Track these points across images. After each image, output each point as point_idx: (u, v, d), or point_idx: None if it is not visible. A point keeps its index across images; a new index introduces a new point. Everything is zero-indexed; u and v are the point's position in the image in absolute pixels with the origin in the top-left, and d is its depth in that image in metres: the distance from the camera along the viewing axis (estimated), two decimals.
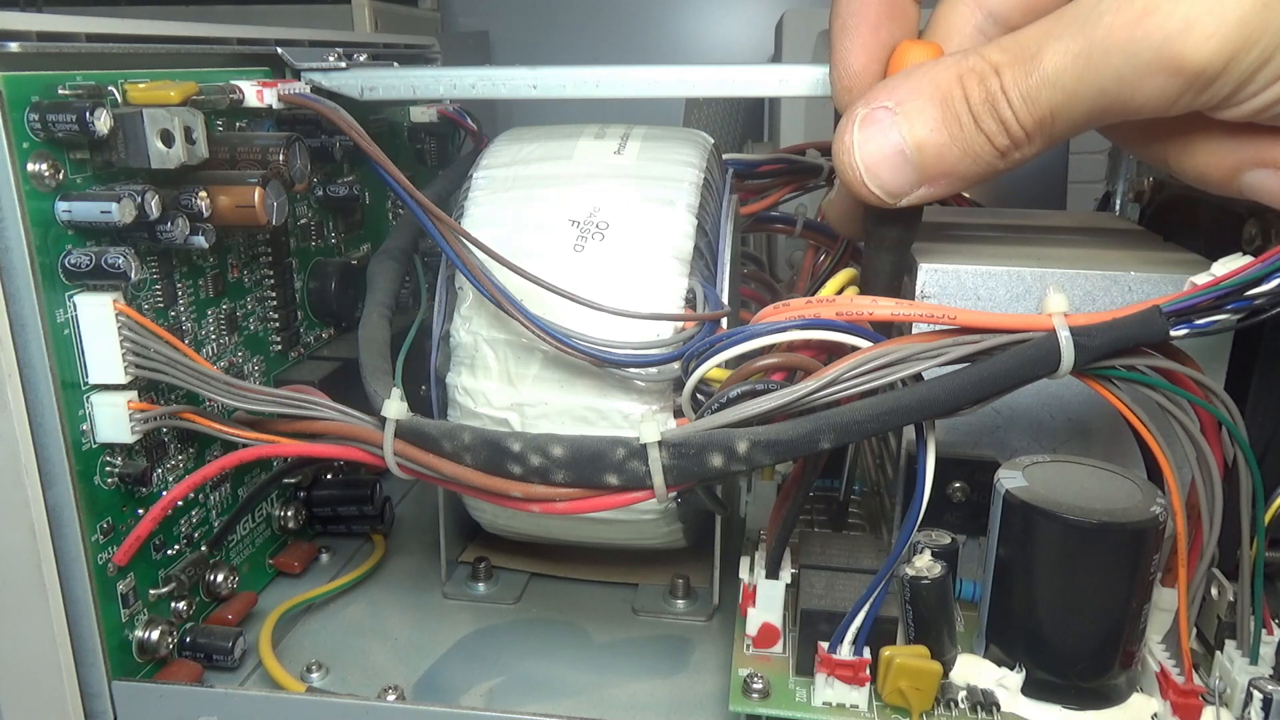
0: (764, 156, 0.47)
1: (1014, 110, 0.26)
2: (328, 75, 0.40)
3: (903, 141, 0.28)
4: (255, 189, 0.33)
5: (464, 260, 0.33)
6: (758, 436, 0.28)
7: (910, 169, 0.28)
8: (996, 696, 0.31)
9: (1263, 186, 0.28)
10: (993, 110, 0.27)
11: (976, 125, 0.27)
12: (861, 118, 0.28)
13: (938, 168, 0.28)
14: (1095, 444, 0.35)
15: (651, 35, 1.41)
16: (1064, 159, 0.83)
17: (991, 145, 0.27)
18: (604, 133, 0.39)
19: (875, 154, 0.28)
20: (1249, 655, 0.30)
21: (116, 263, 0.30)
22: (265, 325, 0.42)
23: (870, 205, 0.30)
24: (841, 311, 0.29)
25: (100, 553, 0.32)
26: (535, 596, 0.41)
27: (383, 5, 1.08)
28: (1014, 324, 0.27)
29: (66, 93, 0.29)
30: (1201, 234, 0.40)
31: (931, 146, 0.28)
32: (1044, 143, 0.27)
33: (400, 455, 0.32)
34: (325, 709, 0.32)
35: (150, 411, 0.32)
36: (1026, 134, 0.27)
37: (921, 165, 0.28)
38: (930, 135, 0.27)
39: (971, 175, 0.28)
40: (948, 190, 0.29)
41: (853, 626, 0.30)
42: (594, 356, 0.32)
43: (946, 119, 0.27)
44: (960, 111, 0.27)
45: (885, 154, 0.28)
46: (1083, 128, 0.27)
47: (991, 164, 0.28)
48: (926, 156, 0.28)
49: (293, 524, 0.43)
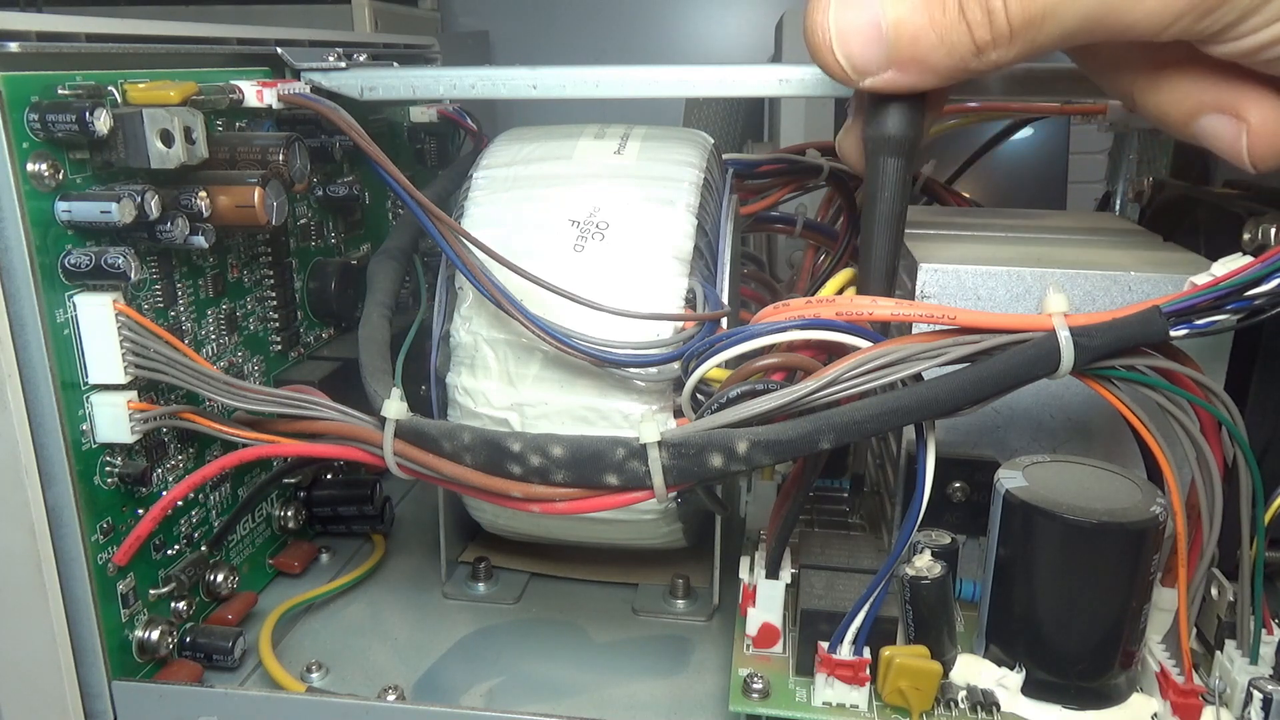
0: (764, 156, 0.47)
1: (1005, 2, 0.25)
2: (328, 75, 0.40)
3: (880, 15, 0.26)
4: (255, 189, 0.33)
5: (464, 260, 0.33)
6: (758, 436, 0.28)
7: (881, 46, 0.27)
8: (996, 696, 0.31)
9: (1215, 132, 0.27)
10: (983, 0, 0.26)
11: (960, 11, 0.26)
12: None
13: (910, 50, 0.27)
14: (1095, 444, 0.35)
15: (651, 35, 1.41)
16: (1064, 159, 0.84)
17: (971, 37, 0.26)
18: (604, 133, 0.39)
19: (850, 22, 0.27)
20: (1249, 655, 0.30)
21: (116, 263, 0.30)
22: (265, 325, 0.42)
23: (835, 78, 0.28)
24: (841, 311, 0.28)
25: (100, 553, 0.32)
26: (535, 596, 0.41)
27: (383, 5, 1.08)
28: (1014, 324, 0.27)
29: (66, 93, 0.29)
30: (1201, 234, 0.40)
31: (909, 26, 0.26)
32: (1023, 47, 0.26)
33: (400, 455, 0.32)
34: (325, 709, 0.32)
35: (150, 411, 0.32)
36: (1010, 30, 0.25)
37: (894, 43, 0.27)
38: (910, 13, 0.26)
39: (942, 69, 0.27)
40: (913, 82, 0.27)
41: (853, 626, 0.30)
42: (594, 356, 0.32)
43: (930, 0, 0.26)
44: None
45: (859, 24, 0.27)
46: (1068, 40, 0.26)
47: (964, 59, 0.26)
48: (901, 35, 0.26)
49: (293, 524, 0.43)
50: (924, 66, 0.27)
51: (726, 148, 0.72)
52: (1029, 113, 0.54)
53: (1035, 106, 0.52)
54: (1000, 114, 0.54)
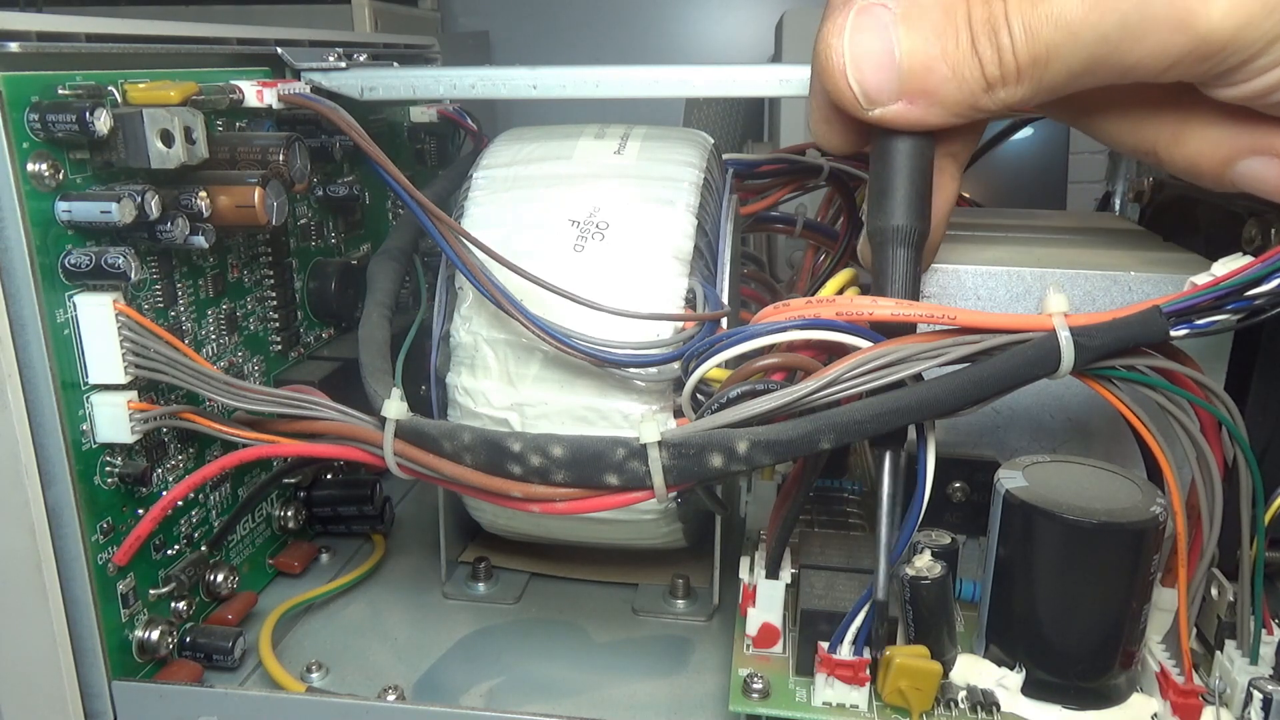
0: (764, 156, 0.47)
1: (1013, 38, 0.25)
2: (328, 75, 0.40)
3: (895, 44, 0.26)
4: (255, 189, 0.33)
5: (464, 260, 0.33)
6: (758, 436, 0.28)
7: (894, 75, 0.27)
8: (996, 696, 0.31)
9: (1258, 176, 0.27)
10: (992, 34, 0.25)
11: (973, 46, 0.26)
12: (860, 8, 0.27)
13: (922, 82, 0.26)
14: (1095, 444, 0.35)
15: (651, 35, 1.41)
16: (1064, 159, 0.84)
17: (981, 72, 0.26)
18: (604, 133, 0.39)
19: (864, 49, 0.27)
20: (1249, 655, 0.30)
21: (116, 263, 0.30)
22: (265, 325, 0.42)
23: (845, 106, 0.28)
24: (841, 311, 0.28)
25: (100, 553, 0.32)
26: (535, 596, 0.41)
27: (383, 5, 1.08)
28: (1014, 324, 0.27)
29: (66, 93, 0.29)
30: (1201, 234, 0.40)
31: (922, 56, 0.26)
32: (1031, 88, 0.26)
33: (400, 455, 0.32)
34: (325, 709, 0.32)
35: (150, 411, 0.32)
36: (1018, 68, 0.26)
37: (908, 74, 0.26)
38: (924, 45, 0.26)
39: (951, 103, 0.27)
40: (920, 116, 0.27)
41: (853, 626, 0.30)
42: (594, 356, 0.32)
43: (944, 31, 0.26)
44: (960, 27, 0.26)
45: (874, 51, 0.26)
46: (1074, 80, 0.26)
47: (974, 95, 0.26)
48: (915, 65, 0.26)
49: (293, 524, 0.43)
50: (933, 99, 0.27)
51: (726, 148, 0.72)
52: (1029, 113, 0.54)
53: None
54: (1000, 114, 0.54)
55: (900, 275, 0.29)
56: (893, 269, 0.29)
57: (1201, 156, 0.28)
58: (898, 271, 0.29)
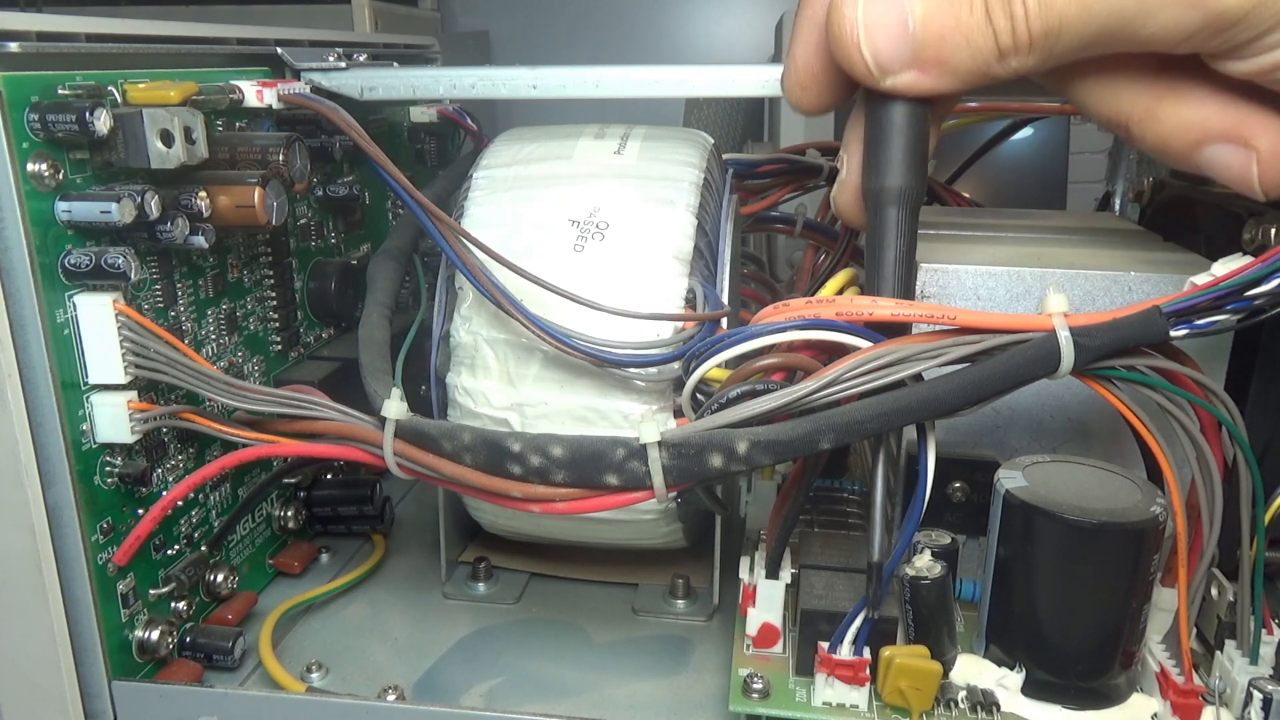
0: (764, 156, 0.47)
1: (1026, 8, 0.25)
2: (327, 75, 0.40)
3: (909, 13, 0.26)
4: (255, 189, 0.33)
5: (464, 260, 0.33)
6: (758, 436, 0.28)
7: (907, 44, 0.27)
8: (996, 696, 0.31)
9: (1224, 163, 0.27)
10: (1006, 3, 0.25)
11: (987, 15, 0.26)
12: None
13: (935, 51, 0.26)
14: (1095, 444, 0.35)
15: (651, 35, 1.41)
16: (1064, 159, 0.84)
17: (995, 42, 0.26)
18: (604, 133, 0.39)
19: (878, 16, 0.26)
20: (1249, 655, 0.30)
21: (116, 263, 0.30)
22: (265, 325, 0.42)
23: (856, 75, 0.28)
24: (841, 311, 0.28)
25: (100, 553, 0.32)
26: (535, 596, 0.41)
27: (383, 5, 1.08)
28: (1014, 324, 0.27)
29: (66, 93, 0.29)
30: (1201, 234, 0.40)
31: (936, 24, 0.26)
32: (1041, 56, 0.26)
33: (400, 455, 0.32)
34: (325, 709, 0.32)
35: (150, 411, 0.32)
36: (1030, 39, 0.26)
37: (921, 42, 0.26)
38: (938, 13, 0.26)
39: (963, 72, 0.27)
40: (932, 85, 0.27)
41: (853, 626, 0.30)
42: (594, 356, 0.32)
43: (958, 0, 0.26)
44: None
45: (888, 20, 0.26)
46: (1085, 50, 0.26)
47: (986, 63, 0.26)
48: (928, 33, 0.26)
49: (293, 524, 0.43)
50: (946, 68, 0.27)
51: (726, 148, 0.72)
52: (1029, 113, 0.54)
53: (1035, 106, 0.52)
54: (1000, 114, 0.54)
55: (899, 235, 0.28)
56: (892, 229, 0.28)
57: (1173, 136, 0.27)
58: (897, 231, 0.28)
